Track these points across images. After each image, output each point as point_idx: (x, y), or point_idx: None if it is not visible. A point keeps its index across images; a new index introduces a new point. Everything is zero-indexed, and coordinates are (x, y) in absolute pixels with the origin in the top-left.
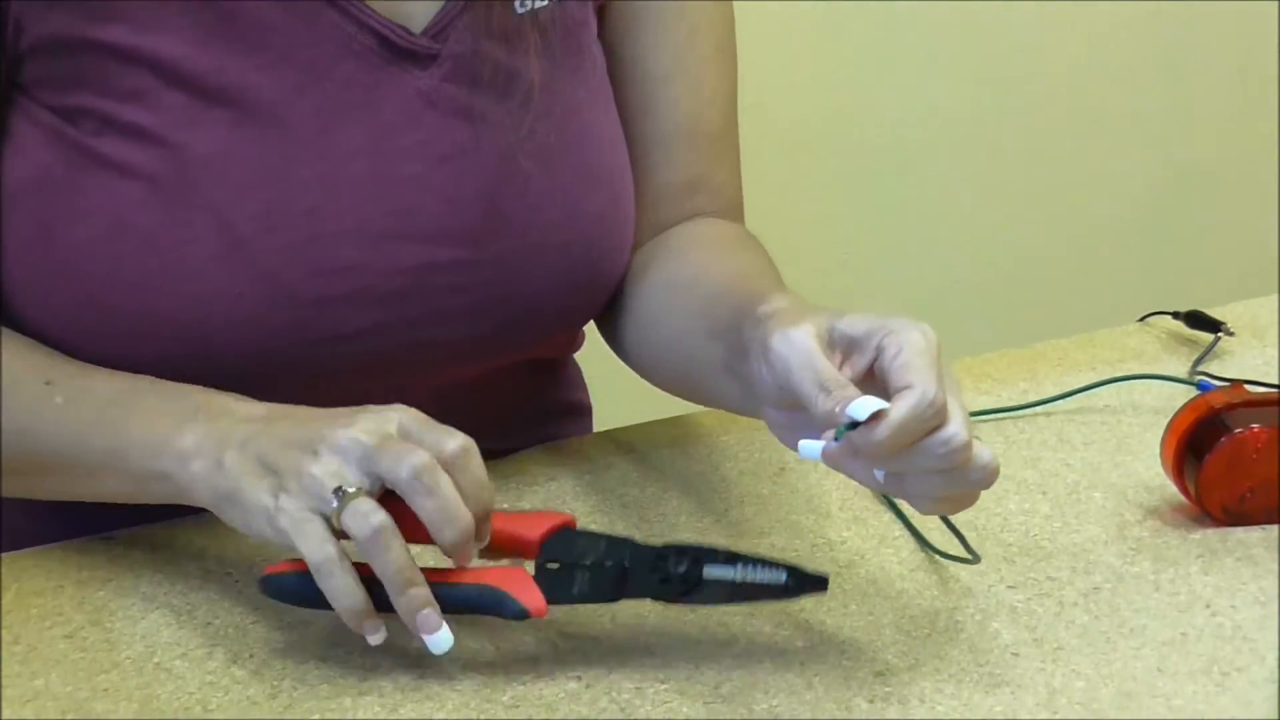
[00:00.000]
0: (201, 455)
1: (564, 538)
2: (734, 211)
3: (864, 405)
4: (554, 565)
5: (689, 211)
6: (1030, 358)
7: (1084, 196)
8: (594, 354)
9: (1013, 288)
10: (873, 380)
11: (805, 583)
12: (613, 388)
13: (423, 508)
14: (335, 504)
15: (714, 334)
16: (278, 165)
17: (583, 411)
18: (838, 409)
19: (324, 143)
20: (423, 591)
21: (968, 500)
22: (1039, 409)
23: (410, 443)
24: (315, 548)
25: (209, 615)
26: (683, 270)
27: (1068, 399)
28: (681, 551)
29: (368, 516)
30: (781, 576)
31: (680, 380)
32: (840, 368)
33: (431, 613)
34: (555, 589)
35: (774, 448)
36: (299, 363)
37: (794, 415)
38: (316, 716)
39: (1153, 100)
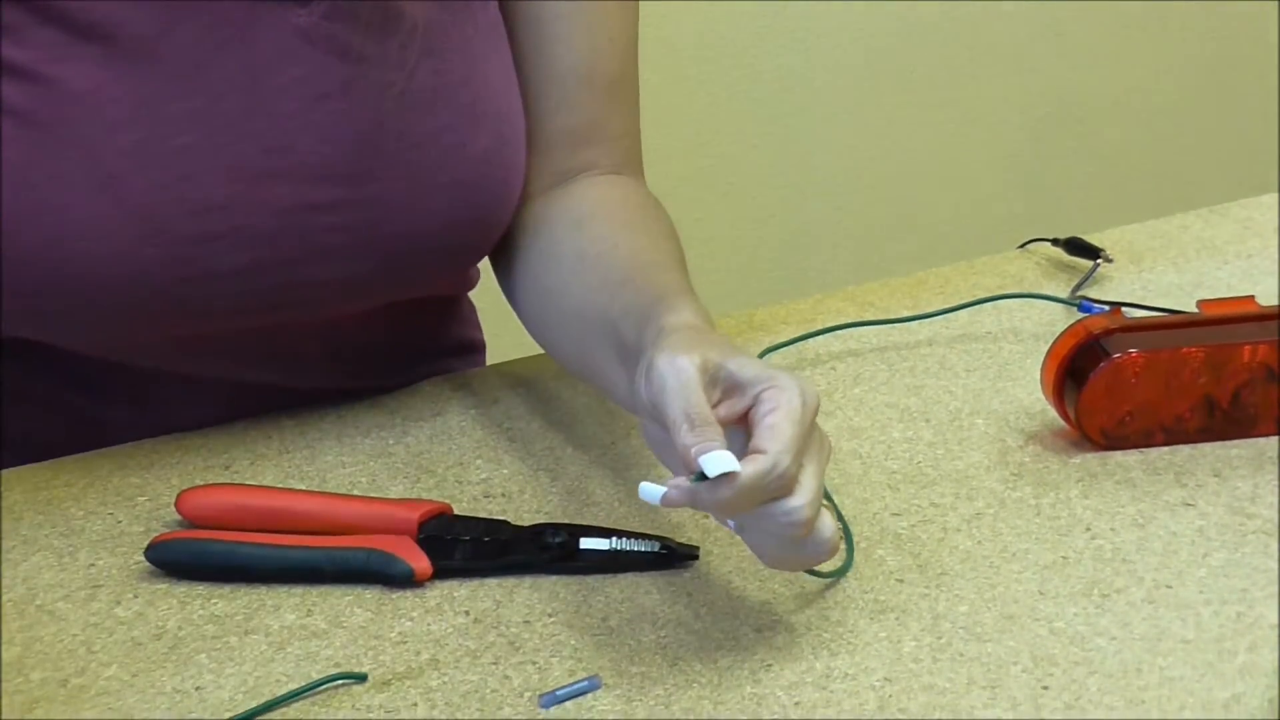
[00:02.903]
0: None
1: (443, 521)
2: (632, 165)
3: (716, 461)
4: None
5: (584, 162)
6: (913, 285)
7: (964, 125)
8: (488, 291)
9: (895, 217)
10: (745, 424)
11: (678, 553)
12: (507, 326)
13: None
14: None
15: (614, 319)
16: (149, 101)
17: (475, 349)
18: (694, 451)
19: (197, 78)
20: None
21: (809, 564)
22: (923, 322)
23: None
24: None
25: (91, 556)
26: (588, 244)
27: (950, 315)
28: (558, 527)
29: None
30: (655, 546)
31: (575, 358)
32: (718, 405)
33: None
34: (438, 555)
35: None
36: (174, 301)
37: (665, 433)
38: (201, 656)
39: (1031, 28)
